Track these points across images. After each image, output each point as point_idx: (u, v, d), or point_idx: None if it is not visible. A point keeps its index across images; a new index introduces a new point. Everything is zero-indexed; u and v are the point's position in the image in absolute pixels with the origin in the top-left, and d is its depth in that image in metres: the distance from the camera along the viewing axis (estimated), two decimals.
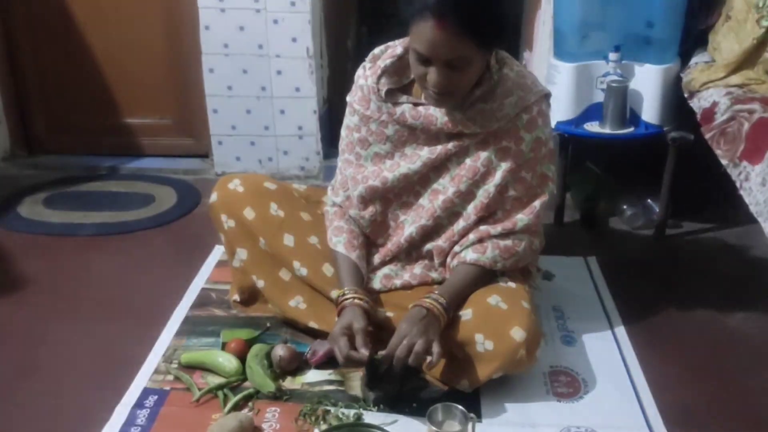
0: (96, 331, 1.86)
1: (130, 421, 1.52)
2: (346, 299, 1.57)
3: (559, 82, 2.25)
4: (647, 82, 2.20)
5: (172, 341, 1.80)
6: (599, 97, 2.24)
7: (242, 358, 1.67)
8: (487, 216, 1.63)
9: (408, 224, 1.69)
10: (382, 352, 1.49)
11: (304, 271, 1.73)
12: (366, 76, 1.64)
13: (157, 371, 1.68)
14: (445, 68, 1.43)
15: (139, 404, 1.57)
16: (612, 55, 2.17)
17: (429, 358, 1.56)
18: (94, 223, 2.46)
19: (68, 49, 2.81)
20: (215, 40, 2.63)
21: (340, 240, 1.69)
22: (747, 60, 2.03)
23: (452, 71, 1.43)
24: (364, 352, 1.46)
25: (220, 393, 1.58)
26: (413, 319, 1.49)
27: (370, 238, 1.74)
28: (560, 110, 2.25)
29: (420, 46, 1.41)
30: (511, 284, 1.61)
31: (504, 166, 1.58)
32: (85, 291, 2.06)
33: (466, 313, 1.55)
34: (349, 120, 1.71)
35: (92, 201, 2.62)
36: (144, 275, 2.14)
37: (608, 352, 1.77)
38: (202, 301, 1.97)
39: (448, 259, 1.66)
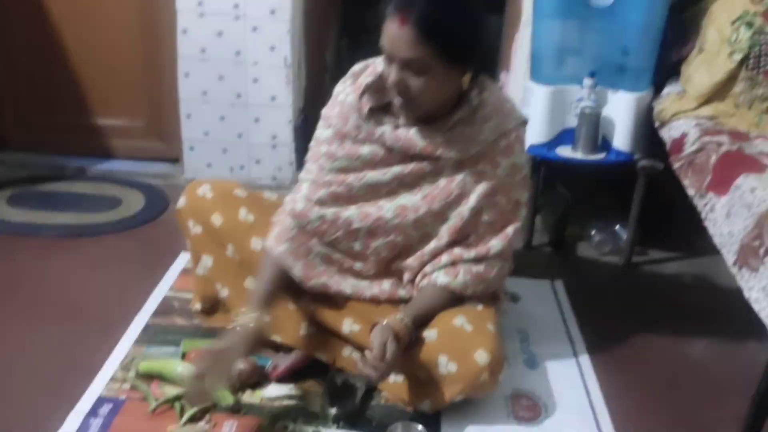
0: (53, 336, 1.82)
1: (81, 431, 1.48)
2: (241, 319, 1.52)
3: (534, 104, 2.26)
4: (620, 109, 2.22)
5: (131, 349, 1.76)
6: (572, 121, 2.26)
7: None
8: (460, 239, 1.62)
9: (362, 233, 1.63)
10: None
11: None
12: (347, 93, 1.61)
13: (113, 379, 1.65)
14: (404, 69, 1.42)
15: (92, 413, 1.53)
16: (587, 81, 2.19)
17: (392, 378, 1.55)
18: (58, 224, 2.41)
19: (42, 45, 2.77)
20: (192, 44, 2.60)
21: (273, 234, 1.64)
22: (718, 92, 2.06)
23: (411, 75, 1.42)
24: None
25: (176, 404, 1.55)
26: (383, 337, 1.46)
27: (314, 234, 1.67)
28: (534, 133, 2.27)
29: (384, 41, 1.42)
30: (478, 306, 1.61)
31: (479, 190, 1.58)
32: (45, 293, 2.01)
33: (431, 334, 1.54)
34: (321, 132, 1.68)
35: (58, 201, 2.57)
36: (106, 280, 2.10)
37: (570, 376, 1.77)
38: (164, 308, 1.94)
39: (418, 278, 1.65)
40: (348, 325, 1.64)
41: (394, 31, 1.39)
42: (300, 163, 2.79)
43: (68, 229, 2.38)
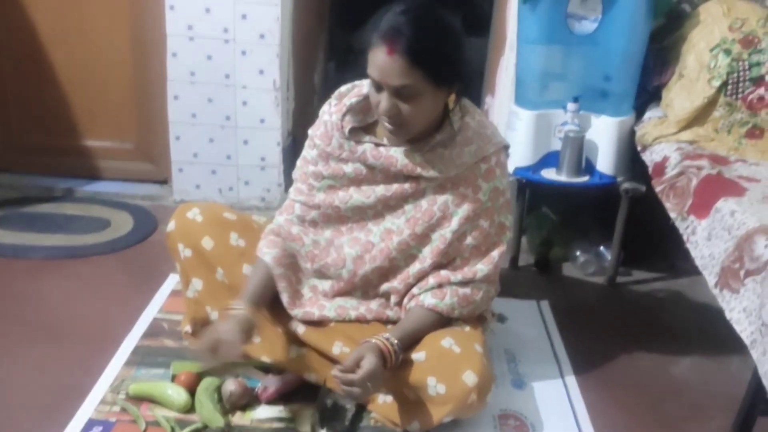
0: (42, 358, 1.81)
1: None
2: (231, 310, 1.57)
3: (519, 128, 2.31)
4: (603, 133, 2.27)
5: (120, 371, 1.76)
6: (557, 145, 2.31)
7: (192, 391, 1.65)
8: (445, 263, 1.65)
9: (350, 258, 1.67)
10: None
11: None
12: (331, 112, 1.66)
13: (103, 401, 1.65)
14: (395, 96, 1.46)
15: None
16: (570, 105, 2.24)
17: (381, 399, 1.56)
18: (46, 245, 2.41)
19: (31, 67, 2.78)
20: (182, 67, 2.63)
21: (270, 252, 1.67)
22: (698, 118, 2.11)
23: (402, 100, 1.47)
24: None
25: (167, 426, 1.56)
26: (359, 353, 1.49)
27: (307, 258, 1.72)
28: (519, 156, 2.31)
29: (372, 71, 1.46)
30: (466, 327, 1.63)
31: (461, 213, 1.61)
32: (33, 315, 2.01)
33: (420, 356, 1.56)
34: (308, 152, 1.72)
35: (46, 223, 2.57)
36: (95, 302, 2.10)
37: (557, 396, 1.80)
38: (153, 330, 1.95)
39: (405, 300, 1.68)
40: (338, 347, 1.65)
41: (384, 61, 1.43)
42: (288, 184, 2.81)
43: (57, 251, 2.38)
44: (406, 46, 1.41)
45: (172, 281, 2.18)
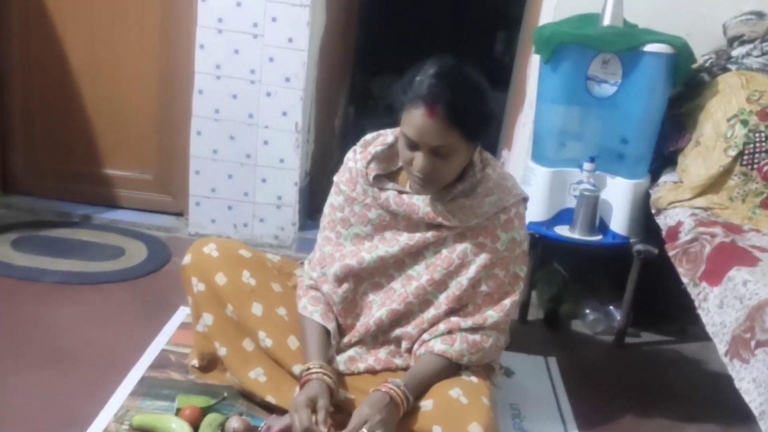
0: (47, 384, 1.82)
1: None
2: (314, 373, 1.57)
3: (534, 184, 2.33)
4: (618, 194, 2.30)
5: (125, 401, 1.76)
6: (571, 202, 2.33)
7: (195, 426, 1.64)
8: (458, 308, 1.67)
9: (376, 305, 1.71)
10: None
11: (268, 342, 1.73)
12: (356, 159, 1.70)
13: (106, 431, 1.65)
14: (431, 155, 1.50)
15: None
16: (587, 165, 2.27)
17: None
18: (60, 270, 2.43)
19: (60, 93, 2.84)
20: (207, 104, 2.68)
21: (317, 310, 1.71)
22: (713, 185, 2.13)
23: (437, 158, 1.50)
24: (323, 430, 1.46)
25: None
26: (375, 405, 1.48)
27: (338, 316, 1.76)
28: (533, 211, 2.33)
29: (410, 131, 1.49)
30: (474, 379, 1.63)
31: (478, 261, 1.64)
32: (41, 340, 2.01)
33: (427, 404, 1.55)
34: (334, 199, 1.76)
35: (61, 248, 2.59)
36: (104, 329, 2.11)
37: None
38: (160, 362, 1.95)
39: (415, 346, 1.68)
40: (342, 394, 1.65)
41: (423, 122, 1.47)
42: (303, 224, 2.85)
43: (70, 276, 2.40)
44: (446, 108, 1.45)
45: (182, 314, 2.19)
